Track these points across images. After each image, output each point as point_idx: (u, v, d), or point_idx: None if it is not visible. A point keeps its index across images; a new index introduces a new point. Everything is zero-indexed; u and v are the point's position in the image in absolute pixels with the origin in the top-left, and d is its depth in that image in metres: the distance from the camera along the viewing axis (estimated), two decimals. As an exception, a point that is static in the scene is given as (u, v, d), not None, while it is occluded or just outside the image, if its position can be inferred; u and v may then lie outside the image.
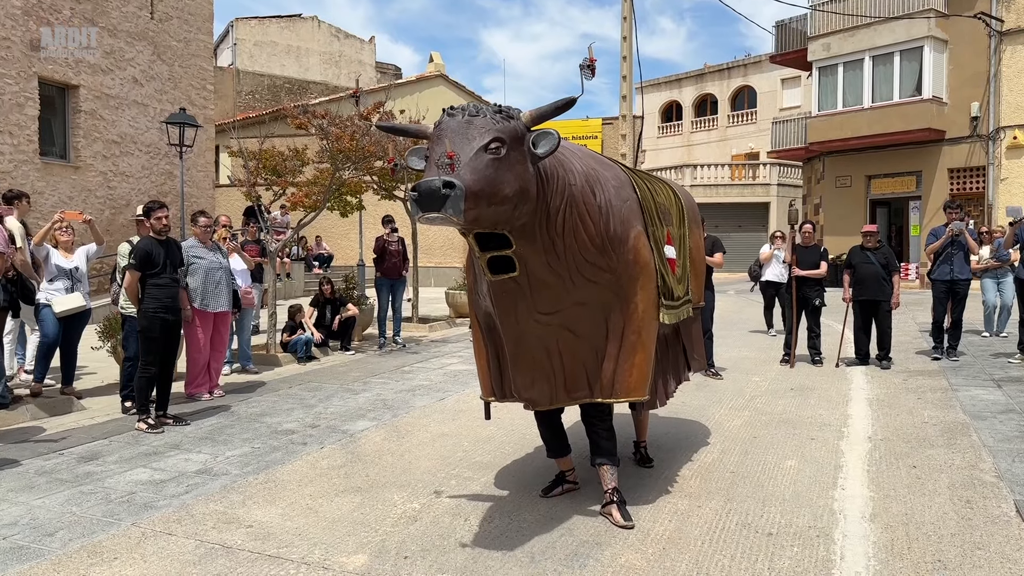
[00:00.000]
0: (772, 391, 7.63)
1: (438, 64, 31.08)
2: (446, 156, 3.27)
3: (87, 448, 5.74)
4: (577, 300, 3.96)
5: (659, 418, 6.38)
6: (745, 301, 17.50)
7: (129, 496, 4.63)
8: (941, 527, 3.98)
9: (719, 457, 5.33)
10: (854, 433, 5.94)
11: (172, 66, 18.87)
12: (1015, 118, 19.50)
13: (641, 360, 4.11)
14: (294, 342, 9.89)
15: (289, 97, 29.33)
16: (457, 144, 3.34)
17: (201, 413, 6.90)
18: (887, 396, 7.29)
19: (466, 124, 3.45)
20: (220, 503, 4.49)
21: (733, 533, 3.95)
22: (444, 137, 3.39)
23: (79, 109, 16.42)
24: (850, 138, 21.74)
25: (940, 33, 20.32)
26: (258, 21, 32.78)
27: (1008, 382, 7.74)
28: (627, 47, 18.63)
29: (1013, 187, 19.32)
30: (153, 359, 6.34)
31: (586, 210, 3.87)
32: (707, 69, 37.57)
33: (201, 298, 7.32)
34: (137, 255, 6.34)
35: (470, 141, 3.38)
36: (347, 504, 4.46)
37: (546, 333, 4.01)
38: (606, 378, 4.12)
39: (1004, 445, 5.47)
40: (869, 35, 21.28)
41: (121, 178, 17.54)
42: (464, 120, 3.47)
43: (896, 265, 9.08)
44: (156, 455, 5.54)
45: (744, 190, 29.62)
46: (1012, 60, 19.56)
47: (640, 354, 4.11)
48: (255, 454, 5.55)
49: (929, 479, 4.77)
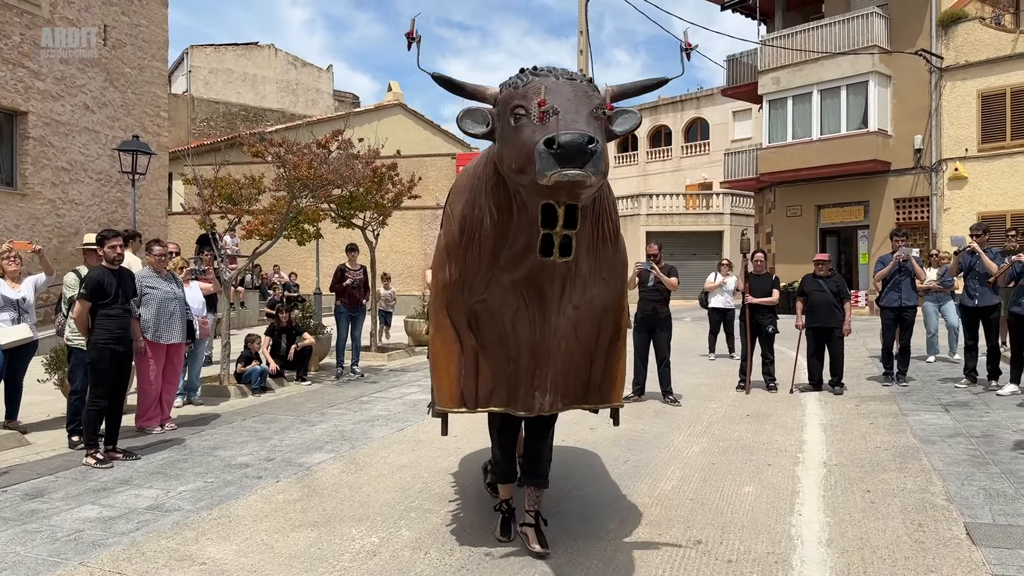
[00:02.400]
0: (729, 417, 7.71)
1: (396, 93, 31.19)
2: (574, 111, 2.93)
3: (32, 485, 5.54)
4: (588, 297, 3.77)
5: (618, 446, 6.40)
6: (701, 328, 17.66)
7: (76, 534, 4.47)
8: (895, 551, 4.05)
9: (678, 484, 5.36)
10: (809, 459, 6.02)
11: (125, 93, 18.60)
12: (956, 150, 20.19)
13: (623, 367, 4.14)
14: (248, 373, 9.71)
15: (245, 125, 29.12)
16: (575, 103, 3.01)
17: (152, 447, 6.72)
18: (840, 421, 7.41)
19: (571, 84, 3.12)
20: (172, 540, 4.37)
21: (693, 561, 3.96)
22: (556, 92, 3.01)
23: (28, 135, 16.07)
24: (800, 169, 22.29)
25: (884, 68, 21.02)
26: (214, 48, 32.55)
27: (955, 407, 7.94)
28: (583, 78, 18.90)
29: (955, 216, 19.94)
30: (102, 391, 6.17)
31: (610, 201, 3.72)
32: (661, 101, 38.26)
33: (154, 329, 7.15)
34: (88, 284, 6.19)
35: (586, 102, 3.07)
36: (304, 539, 4.37)
37: (565, 330, 3.77)
38: (595, 383, 4.01)
39: (953, 468, 5.60)
40: (817, 70, 21.92)
41: (70, 206, 17.17)
42: (566, 80, 3.14)
43: (847, 293, 9.30)
44: (105, 491, 5.38)
45: (698, 219, 30.09)
46: (952, 95, 20.31)
47: (623, 360, 4.12)
48: (208, 489, 5.41)
49: (883, 503, 4.85)
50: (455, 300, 3.86)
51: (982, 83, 19.79)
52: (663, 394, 8.56)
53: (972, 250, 8.95)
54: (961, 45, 20.15)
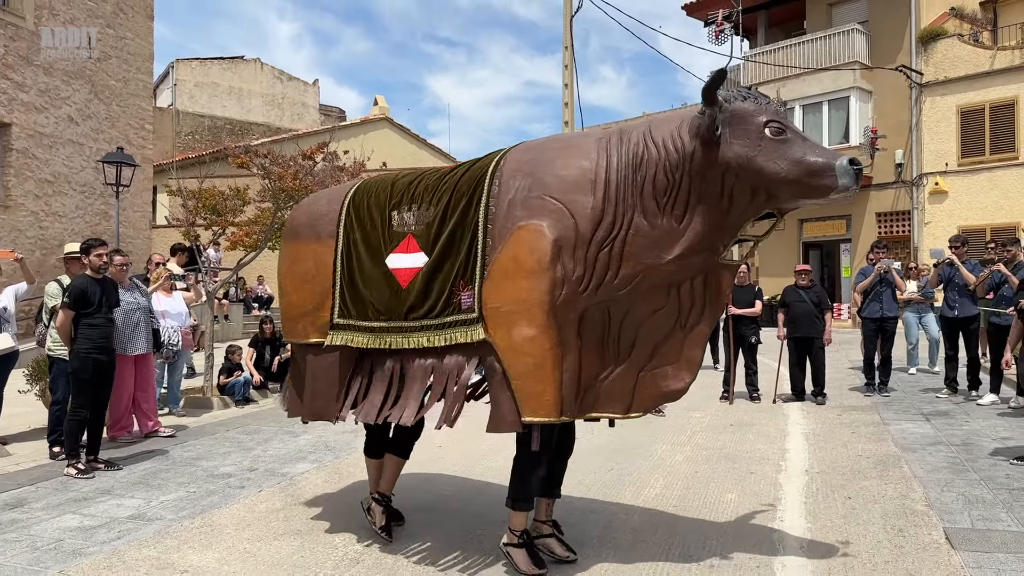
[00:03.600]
0: (712, 427, 7.75)
1: (383, 107, 31.23)
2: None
3: (12, 495, 5.49)
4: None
5: (603, 453, 6.42)
6: (686, 341, 17.76)
7: (56, 543, 4.44)
8: (876, 555, 4.08)
9: (662, 492, 5.38)
10: (792, 467, 6.07)
11: (110, 105, 18.56)
12: (936, 165, 20.46)
13: None
14: (232, 384, 9.67)
15: (230, 138, 29.06)
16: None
17: (134, 457, 6.67)
18: (822, 431, 7.47)
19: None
20: (154, 548, 4.34)
21: (676, 567, 3.98)
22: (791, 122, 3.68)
23: (11, 147, 15.99)
24: (783, 183, 22.49)
25: (865, 84, 21.31)
26: (200, 62, 32.50)
27: (936, 416, 8.01)
28: (568, 94, 19.04)
29: (936, 230, 20.17)
30: (84, 401, 6.14)
31: None
32: (646, 116, 38.58)
33: (119, 341, 6.93)
34: (72, 293, 6.16)
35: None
36: (287, 547, 4.36)
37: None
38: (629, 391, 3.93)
39: (933, 475, 5.65)
40: (799, 85, 22.19)
41: (54, 218, 17.07)
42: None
43: (828, 304, 9.39)
44: (86, 501, 5.34)
45: (683, 233, 30.28)
46: (932, 110, 20.60)
47: None
48: (190, 498, 5.39)
49: (864, 509, 4.89)
50: (573, 298, 3.62)
51: (961, 99, 20.10)
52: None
53: (951, 262, 9.07)
54: (940, 61, 20.46)
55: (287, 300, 4.53)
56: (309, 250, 4.39)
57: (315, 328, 4.33)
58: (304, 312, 4.39)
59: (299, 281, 4.43)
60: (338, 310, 4.25)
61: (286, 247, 4.64)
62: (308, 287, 4.37)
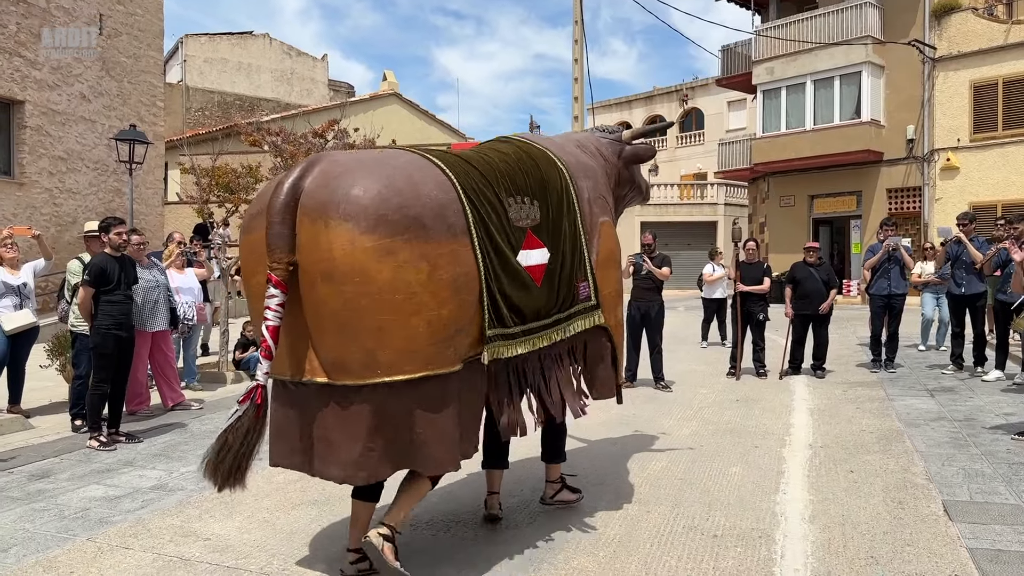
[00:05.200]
0: (719, 402, 7.87)
1: (392, 83, 31.18)
2: None
3: (37, 466, 5.68)
4: None
5: (610, 429, 6.56)
6: (694, 317, 17.83)
7: (83, 512, 4.62)
8: (875, 526, 4.21)
9: (667, 465, 5.52)
10: (796, 441, 6.19)
11: (121, 82, 18.64)
12: (948, 141, 20.36)
13: None
14: (247, 359, 9.84)
15: (240, 114, 29.09)
16: None
17: (154, 430, 6.86)
18: (828, 406, 7.58)
19: None
20: (177, 517, 4.51)
21: (680, 536, 4.11)
22: None
23: (24, 125, 16.12)
24: (793, 159, 22.44)
25: (877, 59, 21.15)
26: (209, 38, 32.49)
27: (940, 392, 8.11)
28: (578, 69, 19.00)
29: (947, 207, 20.11)
30: (106, 376, 6.30)
31: None
32: (656, 91, 38.36)
33: (139, 318, 7.17)
34: (91, 271, 6.30)
35: None
36: (304, 516, 4.52)
37: None
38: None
39: (935, 450, 5.77)
40: (810, 60, 22.04)
41: (67, 195, 17.23)
42: None
43: (836, 281, 9.51)
44: (109, 472, 5.52)
45: (693, 209, 30.25)
46: (944, 85, 20.45)
47: None
48: (210, 470, 5.55)
49: (865, 483, 5.01)
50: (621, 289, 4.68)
51: (974, 73, 19.94)
52: (655, 380, 8.72)
53: (958, 239, 9.11)
54: (954, 36, 20.28)
55: (431, 316, 3.27)
56: (448, 250, 3.34)
57: (469, 347, 3.52)
58: (459, 329, 3.42)
59: (449, 291, 3.33)
60: (489, 319, 3.56)
61: (408, 249, 3.21)
62: (460, 297, 3.39)
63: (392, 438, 3.29)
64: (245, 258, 3.54)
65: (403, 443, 3.32)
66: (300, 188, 3.23)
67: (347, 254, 3.11)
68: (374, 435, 3.26)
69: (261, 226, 3.28)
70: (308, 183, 3.23)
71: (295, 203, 3.20)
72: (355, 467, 3.26)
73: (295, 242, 3.19)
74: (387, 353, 3.20)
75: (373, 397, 3.23)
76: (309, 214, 3.17)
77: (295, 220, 3.19)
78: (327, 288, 3.15)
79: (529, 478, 5.01)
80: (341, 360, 3.22)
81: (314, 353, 3.28)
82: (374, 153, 3.64)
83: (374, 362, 3.19)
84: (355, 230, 3.12)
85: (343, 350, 3.21)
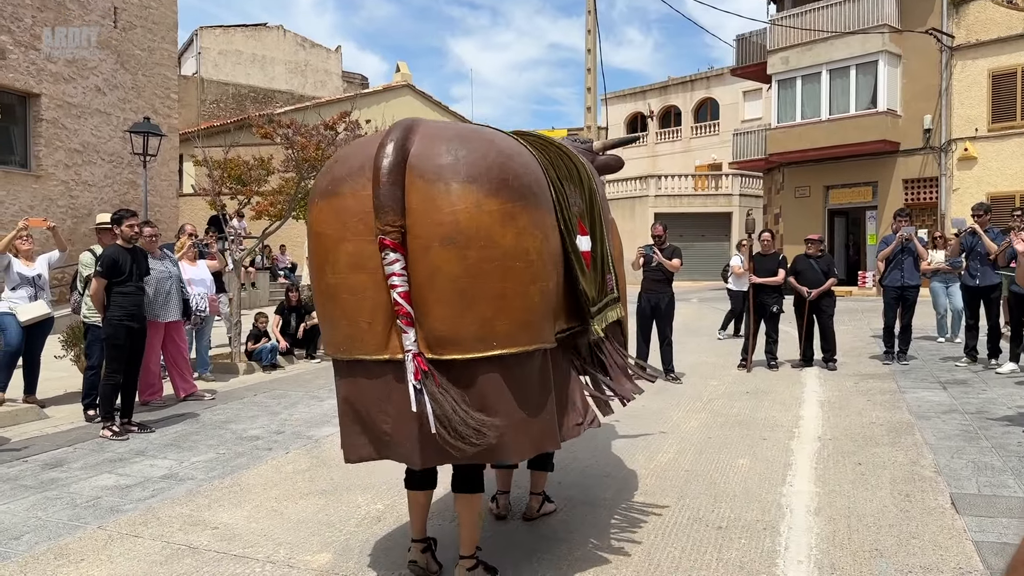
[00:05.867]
0: (728, 394, 7.86)
1: (405, 74, 31.18)
2: None
3: (51, 455, 5.76)
4: None
5: (617, 421, 6.56)
6: (708, 308, 17.82)
7: (95, 500, 4.68)
8: (881, 519, 4.19)
9: (674, 457, 5.52)
10: (804, 433, 6.17)
11: (136, 75, 18.75)
12: (966, 130, 20.14)
13: None
14: (259, 350, 9.92)
15: (254, 106, 29.24)
16: None
17: (166, 420, 6.93)
18: (838, 398, 7.55)
19: None
20: (186, 506, 4.56)
21: (684, 527, 4.12)
22: None
23: (40, 118, 16.26)
24: (808, 149, 22.27)
25: (894, 48, 20.94)
26: (223, 30, 32.62)
27: (953, 384, 8.05)
28: (591, 60, 18.94)
29: (964, 197, 19.91)
30: (118, 367, 6.37)
31: None
32: (671, 81, 38.13)
33: (151, 309, 7.25)
34: (104, 263, 6.37)
35: None
36: (311, 506, 4.56)
37: None
38: None
39: (945, 443, 5.73)
40: (826, 49, 21.85)
41: (83, 187, 17.38)
42: None
43: (835, 272, 9.59)
44: (121, 461, 5.58)
45: (707, 200, 30.11)
46: (962, 74, 20.22)
47: None
48: (220, 459, 5.61)
49: (872, 475, 4.99)
50: None
51: (993, 62, 19.70)
52: (664, 372, 8.70)
53: (973, 230, 9.02)
54: (972, 24, 20.03)
55: (543, 287, 3.17)
56: (551, 222, 3.31)
57: (565, 321, 3.53)
58: (560, 300, 3.41)
59: (553, 263, 3.27)
60: (583, 297, 3.58)
61: (526, 215, 3.11)
62: (559, 271, 3.36)
63: (504, 413, 3.08)
64: (328, 224, 3.14)
65: (513, 419, 3.11)
66: (407, 149, 3.02)
67: (472, 217, 2.95)
68: (485, 412, 3.03)
69: (350, 191, 3.07)
70: (416, 145, 3.03)
71: (404, 163, 2.99)
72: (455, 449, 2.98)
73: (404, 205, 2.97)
74: (504, 323, 3.02)
75: (484, 370, 3.04)
76: (425, 175, 2.97)
77: (404, 182, 2.99)
78: (447, 252, 2.94)
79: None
80: (453, 331, 2.99)
81: (417, 326, 3.00)
82: (459, 124, 3.54)
83: (490, 333, 3.00)
84: (480, 192, 2.97)
85: (458, 321, 2.98)
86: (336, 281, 3.11)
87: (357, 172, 3.07)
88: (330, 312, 3.19)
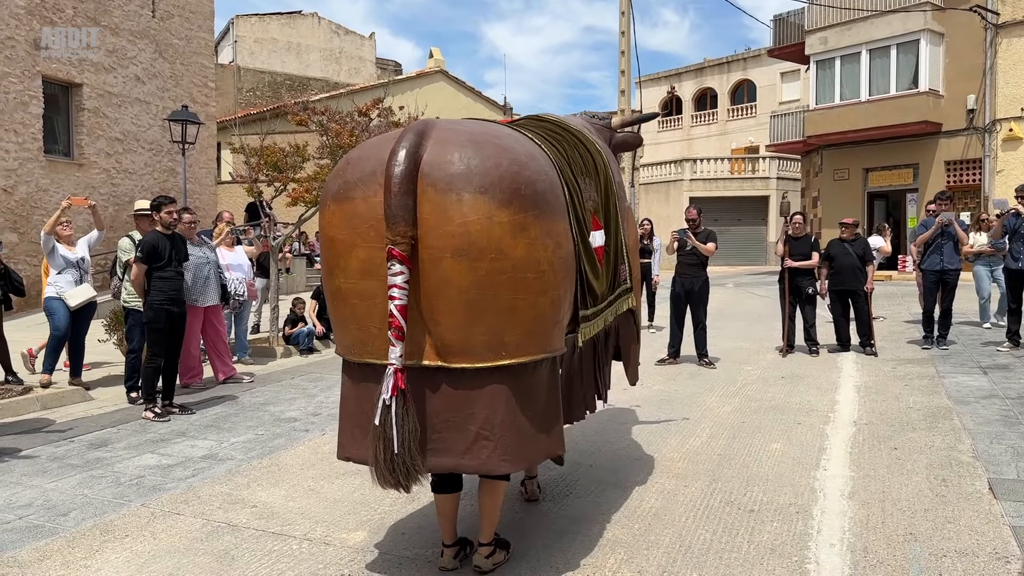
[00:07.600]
0: (763, 379, 7.81)
1: (438, 60, 31.21)
2: None
3: (96, 436, 5.93)
4: None
5: (651, 405, 6.57)
6: (743, 294, 17.66)
7: (138, 479, 4.82)
8: (916, 503, 4.16)
9: (707, 441, 5.51)
10: (840, 418, 6.11)
11: (174, 64, 19.04)
12: (1011, 110, 19.61)
13: None
14: (296, 334, 10.07)
15: (290, 94, 29.50)
16: None
17: (206, 403, 7.09)
18: (875, 383, 7.46)
19: None
20: (226, 485, 4.68)
21: (716, 510, 4.12)
22: None
23: (82, 107, 16.61)
24: (847, 131, 21.88)
25: (936, 26, 20.44)
26: (259, 18, 32.93)
27: (994, 369, 7.91)
28: (625, 42, 18.76)
29: (1009, 179, 19.42)
30: (159, 350, 6.52)
31: None
32: (707, 63, 37.63)
33: (190, 294, 7.37)
34: (144, 248, 6.51)
35: None
36: (347, 486, 4.64)
37: None
38: None
39: (984, 428, 5.64)
40: (866, 28, 21.40)
41: (124, 175, 17.74)
42: None
43: (871, 256, 9.47)
44: (163, 442, 5.73)
45: (744, 184, 29.75)
46: (1008, 52, 19.68)
47: None
48: (259, 440, 5.73)
49: (908, 460, 4.94)
50: None
51: (1040, 40, 19.14)
52: (698, 357, 8.67)
53: (1016, 212, 8.82)
54: (1018, 0, 19.45)
55: (554, 296, 3.18)
56: (563, 227, 3.26)
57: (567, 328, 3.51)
58: (567, 310, 3.39)
59: (565, 270, 3.25)
60: (582, 300, 3.56)
61: (538, 225, 3.07)
62: (571, 276, 3.35)
63: (508, 423, 3.07)
64: (339, 229, 3.12)
65: (518, 428, 3.10)
66: (420, 157, 2.96)
67: (484, 229, 2.91)
68: (490, 421, 3.04)
69: (362, 195, 3.03)
70: (429, 152, 2.97)
71: (416, 172, 2.93)
72: (469, 456, 3.04)
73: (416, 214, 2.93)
74: (515, 334, 3.03)
75: (492, 380, 3.04)
76: (436, 185, 2.92)
77: (416, 191, 2.94)
78: (458, 265, 2.92)
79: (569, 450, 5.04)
80: (464, 341, 2.99)
81: (426, 334, 3.00)
82: (473, 124, 3.41)
83: (500, 343, 3.00)
84: (491, 203, 2.92)
85: (467, 331, 2.97)
86: (347, 286, 3.11)
87: (369, 177, 3.03)
88: (341, 315, 3.20)
